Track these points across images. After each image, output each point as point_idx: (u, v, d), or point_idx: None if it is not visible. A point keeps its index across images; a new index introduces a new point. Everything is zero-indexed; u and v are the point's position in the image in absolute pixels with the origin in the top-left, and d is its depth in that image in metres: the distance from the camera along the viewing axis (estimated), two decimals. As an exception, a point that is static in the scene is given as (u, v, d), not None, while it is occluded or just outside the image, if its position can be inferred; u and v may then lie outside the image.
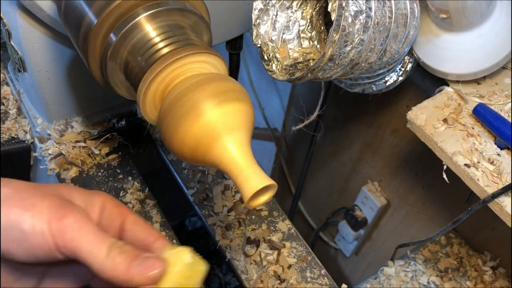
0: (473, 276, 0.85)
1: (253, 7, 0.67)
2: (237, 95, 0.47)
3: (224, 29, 0.78)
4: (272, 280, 0.70)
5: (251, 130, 0.48)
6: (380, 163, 1.10)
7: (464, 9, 0.63)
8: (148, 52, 0.48)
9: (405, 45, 0.66)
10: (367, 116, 1.08)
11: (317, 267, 0.72)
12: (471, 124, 0.65)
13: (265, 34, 0.68)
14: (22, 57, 0.70)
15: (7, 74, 0.85)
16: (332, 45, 0.57)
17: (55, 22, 0.63)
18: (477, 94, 0.68)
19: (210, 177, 0.80)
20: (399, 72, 0.74)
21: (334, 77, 0.63)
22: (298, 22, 0.70)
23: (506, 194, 0.58)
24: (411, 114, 0.67)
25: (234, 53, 0.91)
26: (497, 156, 0.61)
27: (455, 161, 0.61)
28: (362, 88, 0.77)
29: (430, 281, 0.84)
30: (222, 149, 0.45)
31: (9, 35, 0.69)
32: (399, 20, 0.62)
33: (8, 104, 0.84)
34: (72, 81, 0.75)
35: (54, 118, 0.79)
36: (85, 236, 0.38)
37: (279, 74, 0.66)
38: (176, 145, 0.47)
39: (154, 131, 0.84)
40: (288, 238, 0.74)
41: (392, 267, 0.86)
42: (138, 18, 0.48)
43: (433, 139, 0.64)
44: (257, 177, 0.44)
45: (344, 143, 1.20)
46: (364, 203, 1.17)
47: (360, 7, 0.56)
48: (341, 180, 1.27)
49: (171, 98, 0.46)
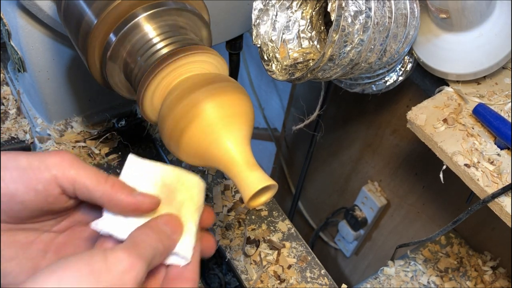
0: (473, 276, 0.85)
1: (253, 7, 0.67)
2: (237, 95, 0.47)
3: (224, 29, 0.78)
4: (272, 280, 0.70)
5: (251, 130, 0.48)
6: (380, 163, 1.10)
7: (464, 9, 0.63)
8: (148, 52, 0.48)
9: (405, 45, 0.66)
10: (367, 116, 1.08)
11: (317, 267, 0.72)
12: (471, 124, 0.65)
13: (265, 34, 0.68)
14: (22, 57, 0.70)
15: (7, 74, 0.85)
16: (332, 45, 0.57)
17: (55, 22, 0.63)
18: (477, 94, 0.68)
19: (210, 177, 0.80)
20: (399, 72, 0.74)
21: (334, 77, 0.63)
22: (298, 22, 0.70)
23: (506, 194, 0.58)
24: (411, 114, 0.67)
25: (234, 53, 0.91)
26: (497, 156, 0.61)
27: (455, 161, 0.61)
28: (362, 88, 0.77)
29: (430, 281, 0.84)
30: (222, 149, 0.45)
31: (9, 35, 0.69)
32: (399, 20, 0.62)
33: (8, 104, 0.84)
34: (72, 81, 0.75)
35: (54, 118, 0.79)
36: (82, 166, 0.41)
37: (279, 74, 0.66)
38: (175, 145, 0.47)
39: (154, 131, 0.84)
40: (288, 238, 0.74)
41: (392, 267, 0.86)
42: (138, 18, 0.48)
43: (433, 139, 0.64)
44: (257, 177, 0.44)
45: (344, 143, 1.20)
46: (364, 203, 1.17)
47: (360, 7, 0.56)
48: (341, 180, 1.27)
49: (171, 98, 0.46)
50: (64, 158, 0.41)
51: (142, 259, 0.37)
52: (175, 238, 0.42)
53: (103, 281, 0.34)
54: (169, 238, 0.41)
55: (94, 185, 0.41)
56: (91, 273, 0.33)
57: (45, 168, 0.40)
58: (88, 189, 0.41)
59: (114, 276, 0.34)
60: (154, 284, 0.41)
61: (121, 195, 0.41)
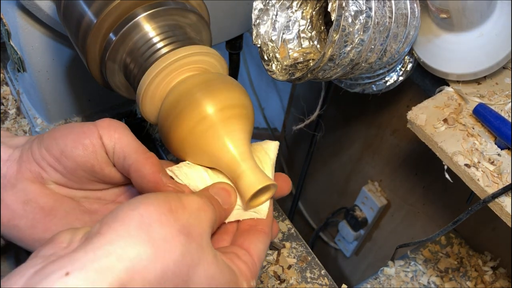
0: (473, 276, 0.85)
1: (253, 7, 0.67)
2: (237, 95, 0.47)
3: (224, 29, 0.78)
4: (272, 280, 0.70)
5: (251, 129, 0.48)
6: (380, 163, 1.10)
7: (464, 9, 0.63)
8: (148, 52, 0.48)
9: (405, 45, 0.66)
10: (367, 116, 1.08)
11: (317, 267, 0.72)
12: (471, 124, 0.65)
13: (265, 34, 0.68)
14: (21, 57, 0.70)
15: (6, 74, 0.85)
16: (332, 45, 0.57)
17: (54, 22, 0.63)
18: (477, 94, 0.68)
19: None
20: (399, 72, 0.74)
21: (334, 77, 0.63)
22: (298, 22, 0.70)
23: (506, 194, 0.58)
24: (411, 114, 0.67)
25: (234, 53, 0.91)
26: (497, 156, 0.61)
27: (455, 161, 0.61)
28: (362, 88, 0.77)
29: (430, 281, 0.84)
30: (222, 149, 0.45)
31: (8, 35, 0.69)
32: (399, 20, 0.62)
33: (7, 104, 0.84)
34: (72, 81, 0.75)
35: (54, 118, 0.79)
36: (127, 134, 0.44)
37: (279, 74, 0.66)
38: (175, 145, 0.47)
39: (154, 131, 0.84)
40: (288, 238, 0.74)
41: (392, 267, 0.86)
42: (138, 18, 0.48)
43: (433, 139, 0.64)
44: (256, 177, 0.44)
45: (344, 143, 1.20)
46: (364, 203, 1.17)
47: (360, 7, 0.56)
48: (341, 180, 1.27)
49: (171, 98, 0.46)
50: (112, 123, 0.43)
51: (210, 204, 0.39)
52: (227, 208, 0.44)
53: (181, 218, 0.35)
54: (220, 207, 0.43)
55: (131, 152, 0.43)
56: (169, 211, 0.34)
57: (93, 126, 0.43)
58: (124, 153, 0.43)
59: (191, 213, 0.36)
60: (226, 236, 0.43)
61: (150, 169, 0.42)
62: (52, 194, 0.43)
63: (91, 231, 0.33)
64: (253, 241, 0.42)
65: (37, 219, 0.42)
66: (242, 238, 0.42)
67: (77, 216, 0.44)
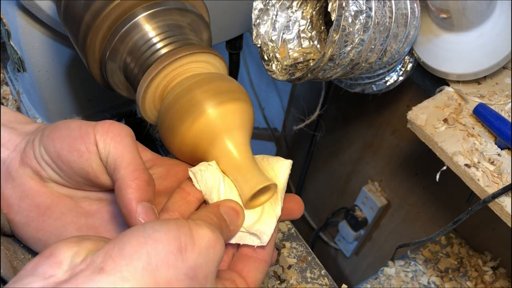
0: (474, 276, 0.85)
1: (253, 7, 0.67)
2: (237, 95, 0.47)
3: (224, 29, 0.78)
4: (272, 280, 0.70)
5: (251, 130, 0.48)
6: (380, 163, 1.10)
7: (464, 9, 0.63)
8: (148, 52, 0.48)
9: (405, 45, 0.66)
10: (367, 116, 1.08)
11: (317, 267, 0.72)
12: (471, 124, 0.65)
13: (265, 34, 0.68)
14: (21, 57, 0.70)
15: (6, 74, 0.85)
16: (332, 45, 0.57)
17: (54, 22, 0.63)
18: (477, 94, 0.68)
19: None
20: (399, 72, 0.74)
21: (334, 77, 0.63)
22: (298, 22, 0.70)
23: (506, 194, 0.58)
24: (411, 114, 0.67)
25: (234, 53, 0.91)
26: (497, 156, 0.61)
27: (455, 161, 0.61)
28: (362, 88, 0.77)
29: (430, 281, 0.84)
30: (222, 149, 0.45)
31: (8, 35, 0.69)
32: (399, 20, 0.62)
33: (7, 104, 0.84)
34: (72, 81, 0.75)
35: (54, 118, 0.79)
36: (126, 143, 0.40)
37: (279, 74, 0.66)
38: (175, 145, 0.47)
39: (154, 131, 0.84)
40: (288, 238, 0.74)
41: (392, 267, 0.86)
42: (137, 18, 0.48)
43: (434, 139, 0.64)
44: (256, 177, 0.44)
45: (344, 143, 1.20)
46: (364, 203, 1.17)
47: (360, 7, 0.56)
48: (341, 180, 1.27)
49: (171, 98, 0.46)
50: (111, 128, 0.40)
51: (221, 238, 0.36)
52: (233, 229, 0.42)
53: (189, 258, 0.33)
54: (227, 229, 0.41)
55: (121, 166, 0.40)
56: (178, 250, 0.32)
57: (91, 130, 0.40)
58: (115, 166, 0.40)
59: (200, 252, 0.34)
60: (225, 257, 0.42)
61: (130, 194, 0.39)
62: (50, 193, 0.42)
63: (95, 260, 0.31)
64: (252, 270, 0.41)
65: (31, 217, 0.41)
66: (242, 264, 0.41)
67: (72, 219, 0.42)
